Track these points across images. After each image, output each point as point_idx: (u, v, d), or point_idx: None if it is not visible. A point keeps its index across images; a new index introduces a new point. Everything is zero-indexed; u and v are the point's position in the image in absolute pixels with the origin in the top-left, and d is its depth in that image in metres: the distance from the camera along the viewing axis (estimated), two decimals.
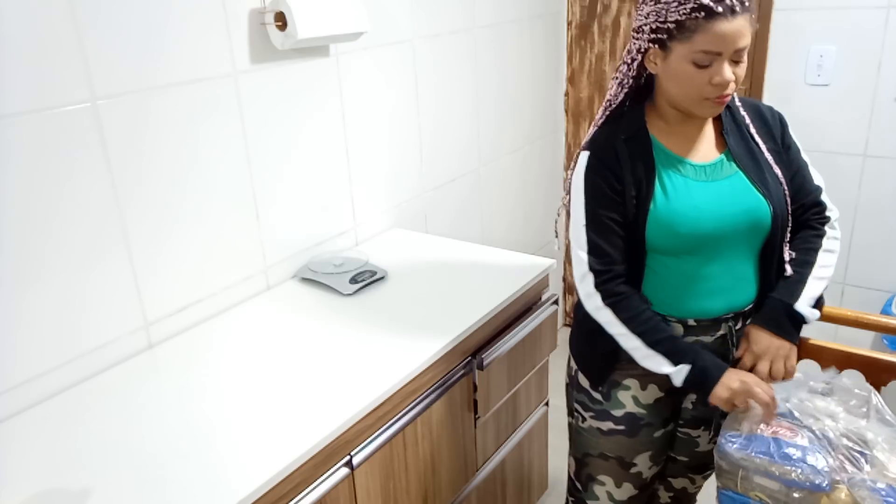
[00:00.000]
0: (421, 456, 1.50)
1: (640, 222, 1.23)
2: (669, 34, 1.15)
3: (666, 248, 1.24)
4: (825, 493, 1.10)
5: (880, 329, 1.44)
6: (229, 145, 1.63)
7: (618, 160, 1.25)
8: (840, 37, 2.34)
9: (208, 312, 1.65)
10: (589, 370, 1.39)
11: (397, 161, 2.16)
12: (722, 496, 1.24)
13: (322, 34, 1.64)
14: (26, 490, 1.10)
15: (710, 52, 1.13)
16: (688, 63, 1.15)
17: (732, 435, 1.20)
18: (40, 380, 1.35)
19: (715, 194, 1.24)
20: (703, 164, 1.26)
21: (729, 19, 1.10)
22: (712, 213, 1.22)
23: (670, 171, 1.25)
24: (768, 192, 1.25)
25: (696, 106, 1.21)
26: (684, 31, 1.13)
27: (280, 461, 1.13)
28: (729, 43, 1.12)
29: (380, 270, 1.80)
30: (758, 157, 1.28)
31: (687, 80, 1.17)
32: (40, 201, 1.30)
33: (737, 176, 1.25)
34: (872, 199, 2.43)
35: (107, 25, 1.35)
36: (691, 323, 1.29)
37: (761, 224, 1.25)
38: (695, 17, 1.11)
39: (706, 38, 1.11)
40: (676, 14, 1.13)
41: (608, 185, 1.24)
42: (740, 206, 1.23)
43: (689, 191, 1.23)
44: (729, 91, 1.17)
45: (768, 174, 1.27)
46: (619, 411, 1.36)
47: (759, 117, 1.32)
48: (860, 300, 2.53)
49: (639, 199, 1.23)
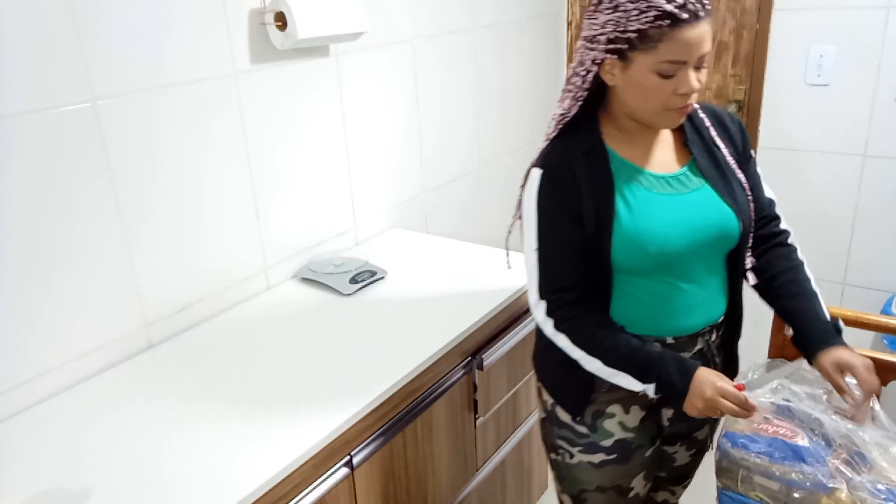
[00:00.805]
0: (421, 456, 1.50)
1: (605, 243, 1.15)
2: (630, 44, 1.07)
3: (635, 268, 1.17)
4: (825, 494, 1.10)
5: (880, 329, 1.44)
6: (229, 145, 1.63)
7: (574, 180, 1.16)
8: (840, 37, 2.34)
9: (208, 312, 1.65)
10: (567, 400, 1.30)
11: (397, 161, 2.16)
12: (722, 496, 1.24)
13: (322, 34, 1.64)
14: (26, 490, 1.10)
15: (676, 62, 1.06)
16: (651, 74, 1.07)
17: (732, 435, 1.20)
18: (40, 380, 1.35)
19: (683, 209, 1.17)
20: (666, 176, 1.19)
21: (693, 25, 1.03)
22: (682, 229, 1.16)
23: (633, 185, 1.17)
24: (736, 203, 1.19)
25: (657, 118, 1.14)
26: (647, 40, 1.05)
27: (280, 461, 1.13)
28: (694, 50, 1.06)
29: (380, 270, 1.80)
30: (723, 167, 1.22)
31: (651, 91, 1.09)
32: (40, 201, 1.30)
33: (704, 189, 1.19)
34: (872, 199, 2.43)
35: (107, 25, 1.35)
36: (669, 341, 1.23)
37: (730, 237, 1.20)
38: (658, 25, 1.03)
39: (671, 47, 1.04)
40: (638, 23, 1.04)
41: (562, 209, 1.16)
42: (710, 221, 1.17)
43: (656, 205, 1.16)
44: (693, 100, 1.12)
45: (734, 184, 1.21)
46: (609, 441, 1.28)
47: (720, 123, 1.26)
48: (860, 300, 2.53)
49: (600, 218, 1.14)
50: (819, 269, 2.56)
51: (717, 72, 2.64)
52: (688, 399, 1.13)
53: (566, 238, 1.17)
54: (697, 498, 2.17)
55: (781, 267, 1.29)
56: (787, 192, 2.59)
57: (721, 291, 1.26)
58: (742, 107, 2.61)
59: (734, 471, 1.20)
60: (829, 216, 2.53)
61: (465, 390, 1.60)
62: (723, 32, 2.58)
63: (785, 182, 2.59)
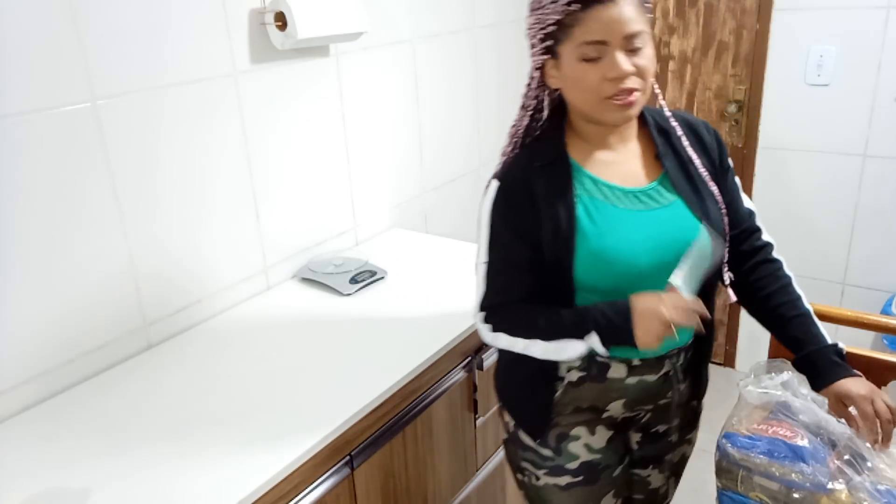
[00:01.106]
0: (421, 456, 1.50)
1: (566, 260, 1.09)
2: (555, 38, 1.06)
3: (599, 287, 1.11)
4: (825, 494, 1.10)
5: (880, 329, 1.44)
6: (229, 145, 1.63)
7: (530, 196, 1.11)
8: (840, 37, 2.34)
9: (208, 312, 1.65)
10: (528, 423, 1.25)
11: (397, 161, 2.16)
12: (722, 496, 1.24)
13: (322, 34, 1.64)
14: (26, 490, 1.10)
15: (595, 42, 1.02)
16: (577, 62, 1.05)
17: (733, 435, 1.20)
18: (40, 380, 1.35)
19: (652, 225, 1.11)
20: (635, 190, 1.13)
21: (606, 4, 1.01)
22: (649, 246, 1.10)
23: (598, 201, 1.11)
24: (709, 220, 1.14)
25: (600, 111, 1.08)
26: (565, 28, 1.04)
27: (280, 461, 1.13)
28: (614, 29, 1.02)
29: (380, 270, 1.80)
30: (696, 181, 1.16)
31: (581, 80, 1.06)
32: (40, 201, 1.30)
33: (675, 204, 1.13)
34: (872, 199, 2.43)
35: (107, 25, 1.35)
36: (636, 363, 1.17)
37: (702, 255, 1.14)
38: (572, 10, 1.02)
39: (586, 29, 1.02)
40: (554, 14, 1.04)
41: (512, 230, 1.12)
42: (680, 238, 1.11)
43: (622, 222, 1.10)
44: (630, 85, 1.05)
45: (708, 200, 1.16)
46: (574, 463, 1.23)
47: (694, 133, 1.20)
48: (860, 300, 2.53)
49: (560, 235, 1.09)
50: (819, 269, 2.58)
51: (717, 72, 2.64)
52: (637, 332, 1.05)
53: (513, 258, 1.14)
54: (697, 498, 2.17)
55: (772, 287, 1.24)
56: (787, 193, 2.59)
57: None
58: (742, 107, 2.61)
59: (734, 471, 1.20)
60: (829, 216, 2.53)
61: (465, 390, 1.60)
62: (723, 32, 2.58)
63: (785, 182, 2.59)
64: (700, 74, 2.67)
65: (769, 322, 1.26)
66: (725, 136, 2.68)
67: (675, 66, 2.72)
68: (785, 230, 2.64)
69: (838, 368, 1.17)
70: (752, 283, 1.25)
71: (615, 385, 1.18)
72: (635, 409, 1.24)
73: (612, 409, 1.22)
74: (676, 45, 2.69)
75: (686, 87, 2.72)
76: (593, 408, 1.22)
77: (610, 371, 1.18)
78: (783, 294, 1.24)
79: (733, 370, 2.93)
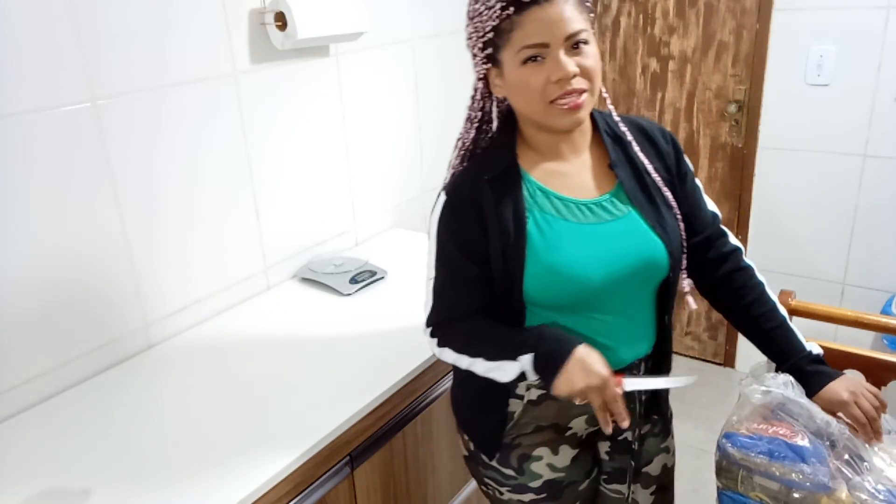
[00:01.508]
0: (421, 456, 1.50)
1: (516, 276, 1.06)
2: (494, 45, 1.03)
3: (551, 303, 1.08)
4: (825, 494, 1.10)
5: (880, 329, 1.44)
6: (229, 145, 1.63)
7: (478, 211, 1.07)
8: (840, 37, 2.34)
9: (208, 312, 1.65)
10: (484, 441, 1.21)
11: (397, 161, 2.16)
12: (722, 496, 1.24)
13: (322, 34, 1.64)
14: (26, 490, 1.10)
15: (535, 45, 1.00)
16: (519, 67, 1.02)
17: (733, 435, 1.20)
18: (40, 380, 1.35)
19: (604, 239, 1.07)
20: (587, 202, 1.09)
21: (543, 6, 0.99)
22: (602, 261, 1.06)
23: (548, 214, 1.07)
24: (665, 232, 1.10)
25: (547, 116, 1.05)
26: (503, 34, 1.01)
27: (280, 461, 1.13)
28: (553, 30, 0.99)
29: (380, 270, 1.80)
30: (651, 192, 1.12)
31: (525, 85, 1.03)
32: (40, 201, 1.30)
33: (629, 216, 1.09)
34: (872, 199, 2.43)
35: (107, 25, 1.35)
36: None
37: (658, 267, 1.10)
38: (507, 15, 1.00)
39: (524, 32, 1.00)
40: (491, 21, 1.01)
41: (458, 247, 1.09)
42: (635, 252, 1.08)
43: (574, 236, 1.07)
44: (576, 86, 1.02)
45: (664, 210, 1.12)
46: (537, 482, 1.19)
47: (648, 139, 1.16)
48: (860, 300, 2.53)
49: (509, 251, 1.05)
50: (819, 269, 2.59)
51: (717, 72, 2.64)
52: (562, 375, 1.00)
53: (460, 274, 1.11)
54: (697, 498, 2.18)
55: (750, 297, 1.22)
56: (787, 193, 2.59)
57: (650, 324, 1.17)
58: (742, 107, 2.61)
59: (734, 471, 1.20)
60: (829, 216, 2.53)
61: None
62: (723, 32, 2.58)
63: (785, 182, 2.59)
64: (700, 74, 2.68)
65: (749, 332, 1.25)
66: (725, 136, 2.68)
67: (675, 66, 2.72)
68: (785, 230, 2.64)
69: (821, 377, 1.17)
70: (730, 293, 1.23)
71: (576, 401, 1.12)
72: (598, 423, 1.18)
73: (575, 425, 1.18)
74: (676, 45, 2.69)
75: (686, 87, 2.72)
76: (555, 426, 1.18)
77: None
78: (761, 304, 1.22)
79: (733, 370, 2.93)
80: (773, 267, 2.69)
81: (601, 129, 1.14)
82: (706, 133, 2.72)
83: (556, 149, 1.11)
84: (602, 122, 1.15)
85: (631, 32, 2.77)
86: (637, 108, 2.85)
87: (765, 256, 2.70)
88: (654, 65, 2.76)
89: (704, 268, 1.23)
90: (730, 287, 1.23)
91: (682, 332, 3.01)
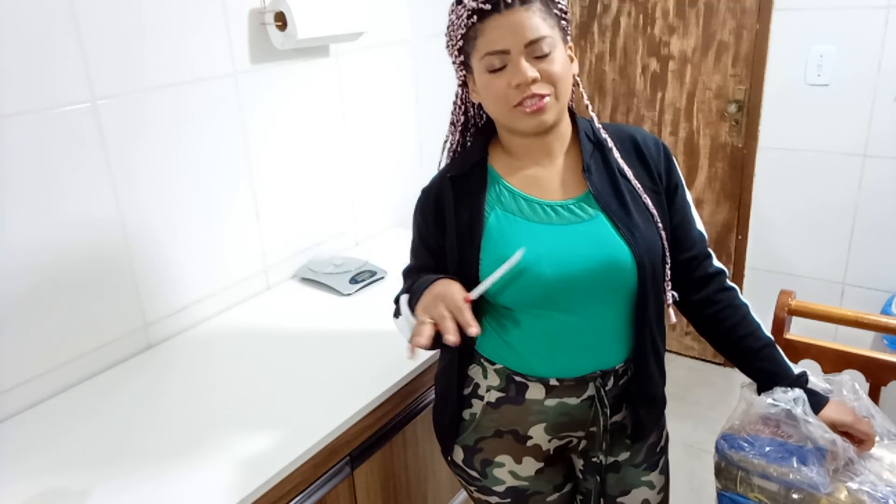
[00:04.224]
0: (421, 456, 1.50)
1: (471, 271, 1.09)
2: (465, 53, 1.09)
3: (506, 300, 1.09)
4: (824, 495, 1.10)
5: (880, 329, 1.43)
6: (229, 145, 1.63)
7: (439, 205, 1.13)
8: (840, 37, 2.34)
9: (208, 312, 1.65)
10: (440, 437, 1.25)
11: (397, 161, 2.16)
12: (721, 497, 1.24)
13: (322, 34, 1.64)
14: (26, 490, 1.11)
15: (496, 52, 1.03)
16: (484, 73, 1.06)
17: (731, 437, 1.20)
18: (40, 380, 1.35)
19: (564, 239, 1.08)
20: (553, 204, 1.10)
21: (504, 13, 1.01)
22: (557, 259, 1.06)
23: (510, 213, 1.10)
24: (633, 238, 1.08)
25: (512, 119, 1.07)
26: (470, 41, 1.06)
27: (280, 461, 1.13)
28: (513, 37, 1.01)
29: (380, 270, 1.80)
30: (625, 197, 1.10)
31: (490, 90, 1.06)
32: (40, 201, 1.30)
33: (597, 219, 1.09)
34: (872, 199, 2.43)
35: (107, 25, 1.35)
36: (553, 382, 1.12)
37: (622, 273, 1.08)
38: (471, 24, 1.04)
39: (485, 40, 1.03)
40: (460, 29, 1.07)
41: (422, 240, 1.18)
42: (595, 255, 1.07)
43: (532, 234, 1.08)
44: (537, 91, 1.03)
45: (638, 216, 1.10)
46: (500, 487, 1.20)
47: (634, 149, 1.15)
48: (860, 300, 2.53)
49: (464, 244, 1.09)
50: (819, 269, 2.58)
51: (717, 72, 2.64)
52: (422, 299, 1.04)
53: (421, 266, 1.19)
54: (697, 498, 2.17)
55: (734, 319, 1.20)
56: (788, 192, 2.59)
57: (620, 336, 1.14)
58: (742, 107, 2.61)
59: (733, 472, 1.20)
60: (829, 216, 2.53)
61: None
62: (723, 32, 2.58)
63: (785, 182, 2.59)
64: (700, 74, 2.67)
65: (734, 354, 1.22)
66: (725, 136, 2.68)
67: (675, 66, 2.72)
68: (785, 230, 2.64)
69: (817, 398, 1.17)
70: (713, 314, 1.20)
71: (534, 407, 1.14)
72: (562, 435, 1.17)
73: (535, 435, 1.16)
74: (676, 45, 2.69)
75: (686, 87, 2.72)
76: (514, 433, 1.16)
77: (528, 392, 1.14)
78: (745, 325, 1.20)
79: (733, 370, 2.93)
80: (773, 267, 2.69)
81: (581, 134, 1.14)
82: (706, 133, 2.72)
83: (529, 152, 1.12)
84: (582, 128, 1.15)
85: (631, 32, 2.77)
86: (637, 108, 2.85)
87: (765, 256, 2.70)
88: (654, 65, 2.76)
89: (689, 288, 1.21)
90: (716, 308, 1.20)
91: (682, 332, 3.00)
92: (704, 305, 1.21)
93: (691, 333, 2.99)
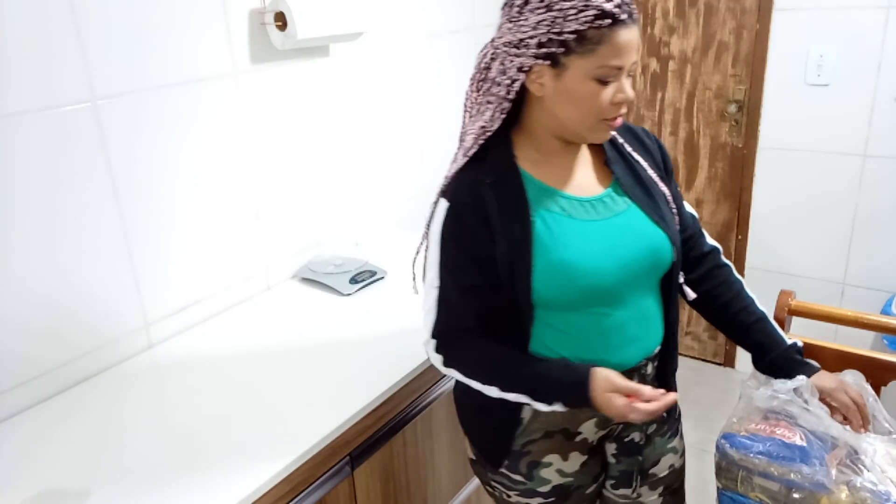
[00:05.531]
0: (421, 456, 1.50)
1: (523, 278, 1.04)
2: (566, 48, 0.97)
3: (561, 302, 1.06)
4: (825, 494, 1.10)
5: (880, 329, 1.43)
6: (229, 145, 1.63)
7: (484, 216, 1.05)
8: (840, 37, 2.34)
9: (208, 312, 1.65)
10: (488, 450, 1.20)
11: (397, 161, 2.16)
12: (722, 496, 1.24)
13: (322, 34, 1.64)
14: (26, 490, 1.10)
15: (615, 66, 0.98)
16: (589, 80, 0.99)
17: (731, 436, 1.20)
18: (40, 380, 1.35)
19: (612, 235, 1.07)
20: (590, 199, 1.09)
21: (630, 27, 0.97)
22: (611, 257, 1.06)
23: (554, 212, 1.06)
24: (665, 223, 1.11)
25: (590, 130, 1.04)
26: (586, 42, 0.96)
27: (280, 461, 1.13)
28: (632, 54, 0.99)
29: (380, 270, 1.80)
30: (648, 186, 1.13)
31: (586, 100, 1.00)
32: (40, 202, 1.30)
33: (630, 210, 1.10)
34: (872, 198, 2.43)
35: (107, 25, 1.35)
36: None
37: (664, 259, 1.11)
38: (598, 25, 0.95)
39: (612, 50, 0.97)
40: (576, 23, 0.95)
41: (465, 252, 1.07)
42: (641, 245, 1.08)
43: (581, 234, 1.06)
44: (625, 110, 1.04)
45: (660, 202, 1.13)
46: (546, 487, 1.18)
47: (636, 139, 1.18)
48: (860, 300, 2.53)
49: (516, 252, 1.04)
50: (819, 269, 2.58)
51: (717, 72, 2.64)
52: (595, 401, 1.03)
53: (466, 282, 1.08)
54: (697, 498, 2.17)
55: (728, 294, 1.24)
56: (787, 193, 2.59)
57: (658, 319, 1.17)
58: (742, 107, 2.61)
59: (733, 471, 1.20)
60: (829, 216, 2.53)
61: None
62: (723, 32, 2.58)
63: (785, 182, 2.59)
64: (700, 74, 2.68)
65: (729, 328, 1.27)
66: (725, 136, 2.68)
67: (675, 66, 2.72)
68: (785, 230, 2.64)
69: (804, 367, 1.21)
70: (708, 291, 1.25)
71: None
72: (608, 426, 1.19)
73: (585, 430, 1.17)
74: (676, 45, 2.69)
75: (686, 87, 2.72)
76: (565, 431, 1.16)
77: None
78: (739, 300, 1.24)
79: (733, 370, 2.93)
80: (773, 267, 2.69)
81: None
82: (706, 133, 2.72)
83: (557, 149, 1.11)
84: None
85: None
86: (637, 108, 2.85)
87: (765, 256, 2.70)
88: (654, 65, 2.76)
89: (685, 266, 1.25)
90: (711, 284, 1.25)
91: (683, 333, 3.00)
92: (700, 282, 1.25)
93: (691, 333, 2.99)
